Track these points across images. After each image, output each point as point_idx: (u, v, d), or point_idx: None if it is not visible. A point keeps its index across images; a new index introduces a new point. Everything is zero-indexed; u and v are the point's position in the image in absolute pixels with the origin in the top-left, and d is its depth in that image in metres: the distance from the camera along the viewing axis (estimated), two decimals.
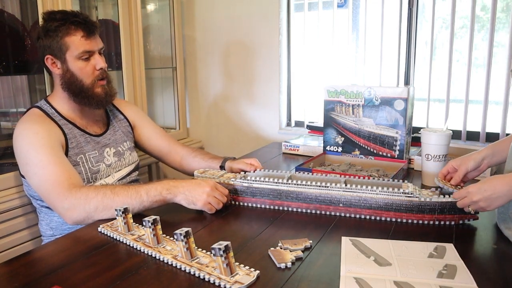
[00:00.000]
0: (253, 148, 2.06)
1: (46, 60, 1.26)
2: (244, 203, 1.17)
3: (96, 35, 1.29)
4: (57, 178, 1.12)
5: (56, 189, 1.11)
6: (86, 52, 1.25)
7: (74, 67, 1.25)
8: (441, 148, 1.27)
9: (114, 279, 0.78)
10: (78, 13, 1.27)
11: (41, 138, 1.17)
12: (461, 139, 1.80)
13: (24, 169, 1.20)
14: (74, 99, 1.28)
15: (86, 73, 1.26)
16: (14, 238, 1.37)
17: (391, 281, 0.75)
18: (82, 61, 1.25)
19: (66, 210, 1.09)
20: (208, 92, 2.34)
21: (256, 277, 0.77)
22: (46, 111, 1.27)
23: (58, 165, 1.15)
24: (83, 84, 1.26)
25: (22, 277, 0.80)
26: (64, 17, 1.24)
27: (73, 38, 1.23)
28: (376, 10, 1.89)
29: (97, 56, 1.28)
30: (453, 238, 0.94)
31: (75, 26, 1.23)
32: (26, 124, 1.22)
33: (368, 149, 1.52)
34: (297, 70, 2.15)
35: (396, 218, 1.04)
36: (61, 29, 1.22)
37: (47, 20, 1.25)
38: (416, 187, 1.07)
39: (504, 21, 1.69)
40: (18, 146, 1.19)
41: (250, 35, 2.15)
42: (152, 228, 0.89)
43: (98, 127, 1.38)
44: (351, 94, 1.51)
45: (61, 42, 1.23)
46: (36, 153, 1.15)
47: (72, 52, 1.24)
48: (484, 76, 1.70)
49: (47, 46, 1.24)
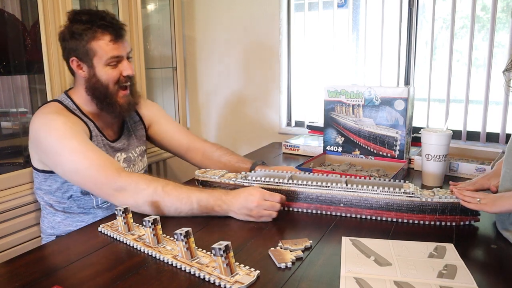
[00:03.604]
0: (254, 148, 2.06)
1: (71, 62, 1.22)
2: None
3: (124, 39, 1.24)
4: (102, 162, 1.10)
5: (103, 172, 1.08)
6: (114, 57, 1.21)
7: (101, 73, 1.21)
8: (441, 148, 1.27)
9: (114, 279, 0.78)
10: (105, 15, 1.21)
11: (70, 128, 1.14)
12: (461, 139, 1.80)
13: (53, 159, 1.16)
14: (97, 103, 1.25)
15: (112, 79, 1.22)
16: (14, 238, 1.37)
17: (391, 281, 0.75)
18: (110, 67, 1.21)
19: (116, 191, 1.07)
20: (208, 92, 2.34)
21: (256, 277, 0.77)
22: (67, 105, 1.24)
23: (97, 151, 1.13)
24: (108, 90, 1.22)
25: (22, 277, 0.80)
26: (90, 19, 1.19)
27: (100, 42, 1.18)
28: (376, 10, 1.89)
29: (125, 62, 1.24)
30: (453, 238, 0.94)
31: (102, 29, 1.18)
32: (49, 115, 1.17)
33: (368, 149, 1.52)
34: (297, 70, 2.15)
35: (397, 218, 1.04)
36: (87, 32, 1.18)
37: (72, 21, 1.20)
38: (417, 187, 1.07)
39: (504, 21, 1.69)
40: (42, 136, 1.15)
41: (250, 35, 2.15)
42: (152, 228, 0.89)
43: (113, 130, 1.34)
44: (351, 94, 1.51)
45: (87, 47, 1.18)
46: (70, 141, 1.12)
47: (99, 58, 1.20)
48: (484, 76, 1.70)
49: (73, 49, 1.20)
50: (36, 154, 1.23)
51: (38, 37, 1.57)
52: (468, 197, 0.98)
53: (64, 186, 1.23)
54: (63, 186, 1.23)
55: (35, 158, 1.24)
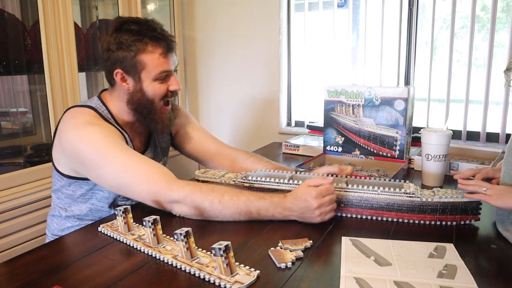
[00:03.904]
0: (254, 148, 2.05)
1: (115, 74, 1.14)
2: None
3: (174, 52, 1.17)
4: (151, 174, 1.05)
5: (154, 186, 1.04)
6: (164, 72, 1.14)
7: (147, 88, 1.14)
8: (441, 148, 1.27)
9: (114, 279, 0.78)
10: (155, 25, 1.14)
11: (112, 139, 1.08)
12: (461, 139, 1.80)
13: (95, 173, 1.08)
14: (138, 118, 1.18)
15: (159, 95, 1.16)
16: (14, 238, 1.37)
17: (391, 281, 0.75)
18: (158, 81, 1.14)
19: (170, 204, 1.04)
20: (208, 92, 2.34)
21: (256, 277, 0.77)
22: (102, 114, 1.15)
23: (144, 161, 1.08)
24: (153, 105, 1.16)
25: (22, 277, 0.80)
26: (140, 30, 1.11)
27: (150, 56, 1.11)
28: (376, 10, 1.89)
29: (173, 76, 1.17)
30: (453, 238, 0.94)
31: (153, 42, 1.11)
32: (87, 126, 1.09)
33: (368, 149, 1.52)
34: (297, 70, 2.15)
35: (398, 218, 1.04)
36: (137, 44, 1.10)
37: (119, 31, 1.12)
38: (417, 187, 1.07)
39: (504, 21, 1.69)
40: (82, 149, 1.07)
41: (250, 35, 2.15)
42: (152, 228, 0.89)
43: (140, 141, 1.27)
44: (351, 94, 1.51)
45: (136, 60, 1.11)
46: (119, 152, 1.06)
47: (148, 72, 1.12)
48: (484, 76, 1.70)
49: (119, 60, 1.12)
50: (68, 163, 1.14)
51: (38, 37, 1.57)
52: (473, 186, 0.97)
53: (89, 193, 1.18)
54: (88, 193, 1.18)
55: (65, 165, 1.16)
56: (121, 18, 1.16)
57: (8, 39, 1.56)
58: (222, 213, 1.02)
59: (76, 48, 1.68)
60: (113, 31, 1.13)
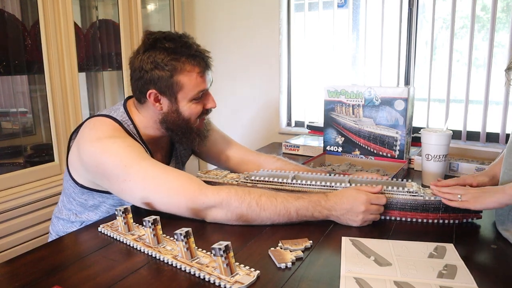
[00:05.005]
0: (254, 148, 2.05)
1: (149, 95, 1.08)
2: None
3: (210, 69, 1.12)
4: (187, 180, 1.01)
5: (192, 190, 0.99)
6: (201, 91, 1.09)
7: (184, 108, 1.10)
8: (441, 148, 1.27)
9: (114, 279, 0.78)
10: (191, 42, 1.09)
11: (139, 152, 1.04)
12: (461, 139, 1.80)
13: (120, 187, 1.03)
14: (172, 136, 1.15)
15: (195, 115, 1.12)
16: (14, 238, 1.37)
17: (391, 281, 0.75)
18: (194, 101, 1.10)
19: (205, 210, 1.00)
20: None
21: (256, 277, 0.77)
22: (128, 129, 1.10)
23: (175, 171, 1.03)
24: (188, 125, 1.12)
25: (22, 277, 0.80)
26: (175, 48, 1.06)
27: (188, 76, 1.06)
28: (376, 10, 1.89)
29: (208, 94, 1.14)
30: (453, 238, 0.94)
31: (190, 61, 1.06)
32: (110, 140, 1.04)
33: (368, 149, 1.52)
34: (297, 70, 2.16)
35: (401, 217, 1.04)
36: (174, 63, 1.05)
37: (153, 49, 1.06)
38: (420, 186, 1.07)
39: (504, 21, 1.69)
40: (106, 161, 1.02)
41: (250, 35, 2.15)
42: (152, 228, 0.89)
43: (161, 154, 1.24)
44: (351, 94, 1.51)
45: (173, 80, 1.06)
46: (145, 164, 1.01)
47: (185, 93, 1.08)
48: (484, 76, 1.70)
49: (153, 80, 1.06)
50: (88, 175, 1.09)
51: (38, 37, 1.57)
52: (447, 194, 0.98)
53: (101, 205, 1.15)
54: (101, 205, 1.15)
55: (83, 177, 1.11)
56: (152, 34, 1.08)
57: (8, 39, 1.56)
58: (261, 216, 0.98)
59: (76, 48, 1.68)
60: (146, 49, 1.07)
